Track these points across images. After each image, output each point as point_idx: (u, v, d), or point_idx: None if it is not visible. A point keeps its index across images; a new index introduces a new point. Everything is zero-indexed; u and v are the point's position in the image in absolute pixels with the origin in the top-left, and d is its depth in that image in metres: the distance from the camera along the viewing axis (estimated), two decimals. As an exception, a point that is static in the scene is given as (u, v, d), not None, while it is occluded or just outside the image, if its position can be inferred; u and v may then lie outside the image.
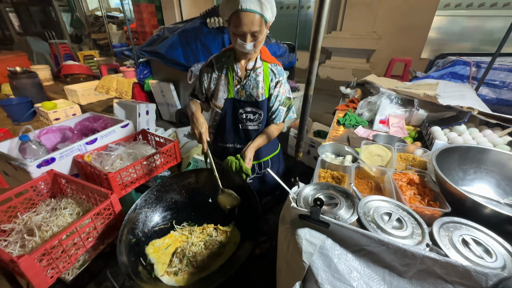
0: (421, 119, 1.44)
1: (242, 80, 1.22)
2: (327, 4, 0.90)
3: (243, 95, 1.23)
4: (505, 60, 1.86)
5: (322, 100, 4.56)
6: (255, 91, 1.21)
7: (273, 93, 1.23)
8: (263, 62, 1.22)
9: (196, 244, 1.08)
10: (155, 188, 1.19)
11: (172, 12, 6.91)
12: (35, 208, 1.21)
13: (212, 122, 1.37)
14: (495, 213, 0.74)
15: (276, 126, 1.30)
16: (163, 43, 3.13)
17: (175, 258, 1.01)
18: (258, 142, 1.26)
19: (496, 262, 0.62)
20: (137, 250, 1.03)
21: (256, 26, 1.02)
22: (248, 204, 1.11)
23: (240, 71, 1.22)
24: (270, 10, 1.04)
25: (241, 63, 1.21)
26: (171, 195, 1.24)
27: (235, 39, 1.07)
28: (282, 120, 1.28)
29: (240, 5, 0.97)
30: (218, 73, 1.24)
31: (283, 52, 3.31)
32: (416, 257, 0.59)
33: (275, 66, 1.24)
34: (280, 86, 1.23)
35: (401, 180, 0.95)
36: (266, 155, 1.42)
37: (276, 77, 1.23)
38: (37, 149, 1.29)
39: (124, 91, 4.28)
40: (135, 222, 1.08)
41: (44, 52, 6.87)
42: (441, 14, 5.00)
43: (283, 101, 1.25)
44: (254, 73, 1.20)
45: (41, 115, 4.04)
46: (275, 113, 1.26)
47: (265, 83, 1.22)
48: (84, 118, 1.84)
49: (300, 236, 0.69)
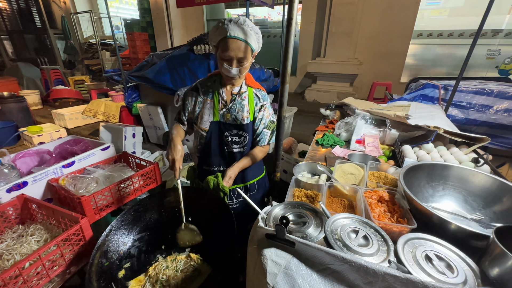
0: (394, 138, 1.50)
1: (227, 104, 1.26)
2: (292, 34, 0.98)
3: (229, 118, 1.26)
4: (470, 83, 2.01)
5: (308, 122, 4.68)
6: (240, 114, 1.25)
7: (257, 116, 1.27)
8: (248, 87, 1.27)
9: (170, 267, 1.04)
10: (133, 208, 1.16)
11: (164, 40, 7.21)
12: (0, 236, 1.15)
13: (197, 146, 1.37)
14: (460, 229, 0.75)
15: (261, 148, 1.32)
16: (152, 68, 3.22)
17: (148, 283, 0.98)
18: (243, 163, 1.26)
19: (457, 278, 0.62)
20: (110, 274, 0.98)
21: (242, 52, 1.09)
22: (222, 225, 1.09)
23: (226, 95, 1.26)
24: (256, 41, 1.13)
25: (227, 88, 1.26)
26: (149, 215, 1.20)
27: (222, 64, 1.13)
28: (266, 142, 1.31)
29: (228, 32, 1.05)
30: (204, 97, 1.27)
31: (268, 76, 3.45)
32: (378, 274, 0.59)
33: (259, 91, 1.29)
34: (264, 110, 1.28)
35: (371, 198, 0.96)
36: (251, 178, 1.42)
37: (261, 101, 1.28)
38: (8, 173, 1.26)
39: (112, 115, 4.29)
40: (109, 244, 1.03)
41: (34, 77, 6.92)
42: (415, 42, 5.41)
43: (267, 124, 1.29)
44: (239, 97, 1.25)
45: (25, 139, 3.97)
46: (260, 136, 1.29)
47: (250, 107, 1.26)
48: (64, 141, 1.82)
49: (266, 256, 0.68)
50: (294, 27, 0.97)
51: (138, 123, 3.93)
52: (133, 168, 1.69)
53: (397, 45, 5.37)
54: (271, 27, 7.20)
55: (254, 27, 1.11)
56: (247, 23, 1.09)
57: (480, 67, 4.91)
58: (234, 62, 1.11)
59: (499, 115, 1.80)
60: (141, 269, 1.06)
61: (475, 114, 1.84)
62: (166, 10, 6.72)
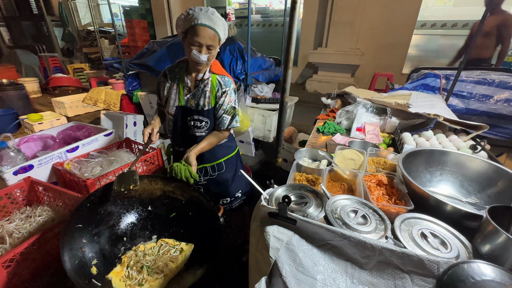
0: (394, 126, 1.51)
1: (191, 90, 1.31)
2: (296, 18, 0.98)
3: (192, 104, 1.31)
4: (471, 73, 2.00)
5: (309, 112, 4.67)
6: (202, 100, 1.29)
7: (218, 102, 1.30)
8: (212, 74, 1.30)
9: (149, 253, 1.03)
10: (87, 201, 1.01)
11: (164, 28, 7.09)
12: (9, 217, 1.18)
13: (168, 127, 1.46)
14: (455, 210, 0.78)
15: (218, 133, 1.36)
16: (152, 56, 3.19)
17: (130, 271, 0.95)
18: (200, 146, 1.29)
19: (451, 253, 0.65)
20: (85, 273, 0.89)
21: (211, 40, 1.15)
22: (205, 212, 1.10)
23: (190, 82, 1.31)
24: (223, 31, 1.19)
25: (192, 75, 1.30)
26: (104, 207, 1.07)
27: (190, 50, 1.16)
28: (226, 127, 1.34)
29: (200, 20, 1.11)
30: (171, 82, 1.33)
31: (269, 65, 3.43)
32: (375, 248, 0.62)
33: (222, 77, 1.31)
34: (225, 96, 1.30)
35: (370, 181, 0.99)
36: (220, 157, 1.49)
37: (223, 87, 1.30)
38: (14, 156, 1.28)
39: (112, 103, 4.28)
40: (71, 242, 0.92)
41: (33, 65, 6.84)
42: (418, 33, 5.33)
43: (227, 110, 1.31)
44: (202, 84, 1.29)
45: (26, 127, 3.97)
46: (219, 120, 1.33)
47: (211, 93, 1.30)
48: (67, 127, 1.84)
49: (268, 232, 0.71)
50: (298, 9, 0.96)
51: (139, 112, 3.93)
52: (135, 154, 1.71)
53: (400, 35, 5.29)
54: (273, 15, 7.07)
55: (221, 19, 1.18)
56: (216, 14, 1.16)
57: (483, 59, 4.86)
58: (203, 49, 1.15)
59: (499, 105, 1.81)
60: (111, 263, 0.99)
61: (476, 104, 1.85)
62: (165, -4, 6.58)
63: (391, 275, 0.61)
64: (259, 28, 7.12)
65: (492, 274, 0.54)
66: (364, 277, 0.63)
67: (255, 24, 7.07)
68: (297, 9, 0.95)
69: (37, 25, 8.77)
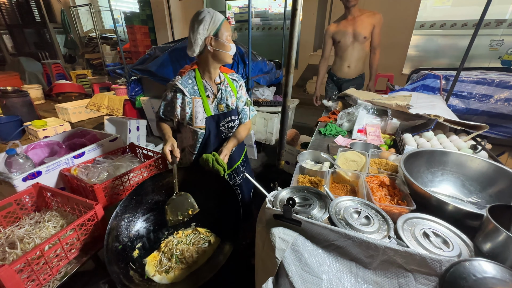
0: (395, 128, 1.53)
1: (216, 95, 1.30)
2: (297, 24, 1.01)
3: (222, 108, 1.31)
4: (471, 73, 2.02)
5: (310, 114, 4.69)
6: (229, 100, 1.32)
7: (238, 97, 1.36)
8: (223, 74, 1.34)
9: (182, 241, 1.11)
10: (134, 193, 1.18)
11: (164, 33, 7.16)
12: (18, 222, 1.21)
13: (194, 143, 1.34)
14: (457, 209, 0.80)
15: (244, 126, 1.40)
16: (155, 62, 3.24)
17: (163, 258, 1.05)
18: (233, 142, 1.33)
19: (453, 251, 0.67)
20: (125, 256, 1.04)
21: None
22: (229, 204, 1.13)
23: (213, 88, 1.30)
24: None
25: (210, 81, 1.29)
26: (151, 197, 1.23)
27: (227, 48, 1.20)
28: (248, 118, 1.40)
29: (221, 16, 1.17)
30: (191, 96, 1.25)
31: (270, 69, 3.47)
32: (379, 248, 0.64)
33: (232, 74, 1.38)
34: (242, 89, 1.38)
35: (372, 183, 1.00)
36: (239, 156, 1.52)
37: (238, 82, 1.37)
38: (23, 162, 1.31)
39: (115, 108, 4.33)
40: (118, 229, 1.09)
41: (36, 72, 6.93)
42: (418, 33, 5.36)
43: (245, 101, 1.39)
44: (223, 86, 1.31)
45: (30, 133, 4.02)
46: (242, 113, 1.38)
47: (233, 91, 1.34)
48: (73, 133, 1.87)
49: (274, 234, 0.73)
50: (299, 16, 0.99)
51: (141, 117, 3.97)
52: (140, 158, 1.74)
53: (399, 36, 5.31)
54: (272, 19, 7.13)
55: None
56: None
57: (483, 58, 4.87)
58: None
59: (499, 105, 1.83)
60: (153, 247, 1.12)
61: (476, 104, 1.87)
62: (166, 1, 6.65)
63: (395, 274, 0.63)
64: (259, 31, 7.18)
65: (493, 271, 0.56)
66: (369, 276, 0.64)
67: (255, 27, 7.12)
68: (297, 16, 0.98)
69: (39, 33, 8.89)
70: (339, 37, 2.45)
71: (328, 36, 2.52)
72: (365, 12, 2.32)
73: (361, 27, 2.30)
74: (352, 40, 2.42)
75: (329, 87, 2.87)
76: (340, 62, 2.63)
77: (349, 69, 2.61)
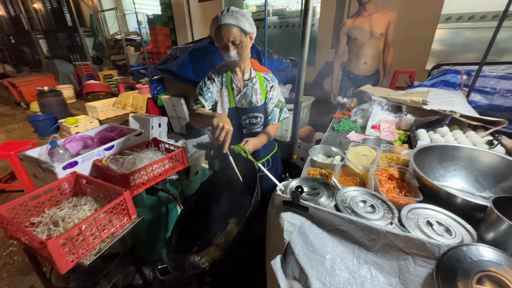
0: (410, 123, 1.52)
1: (241, 90, 1.38)
2: (309, 23, 1.06)
3: (244, 103, 1.39)
4: (496, 68, 1.93)
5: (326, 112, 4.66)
6: (254, 98, 1.38)
7: (268, 97, 1.40)
8: (257, 72, 1.39)
9: None
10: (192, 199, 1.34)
11: (184, 34, 7.39)
12: (59, 205, 1.37)
13: None
14: (465, 202, 0.81)
15: (273, 126, 1.44)
16: (175, 62, 3.40)
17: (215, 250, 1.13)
18: (260, 139, 1.37)
19: (455, 239, 0.70)
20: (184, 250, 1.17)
21: (233, 36, 1.19)
22: None
23: (239, 82, 1.39)
24: (248, 23, 1.22)
25: (238, 75, 1.38)
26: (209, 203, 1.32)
27: (222, 52, 1.26)
28: (277, 120, 1.43)
29: (222, 21, 1.18)
30: (220, 86, 1.39)
31: (285, 67, 3.50)
32: (380, 233, 0.69)
33: (267, 74, 1.41)
34: (273, 90, 1.40)
35: (381, 175, 1.03)
36: (265, 155, 1.56)
37: (270, 83, 1.40)
38: (63, 153, 1.48)
39: (139, 106, 4.59)
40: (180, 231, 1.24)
41: (68, 73, 7.50)
42: (443, 27, 5.10)
43: (276, 103, 1.41)
44: (251, 83, 1.37)
45: (64, 129, 4.39)
46: (271, 114, 1.42)
47: (262, 90, 1.39)
48: (103, 128, 2.04)
49: (283, 218, 0.80)
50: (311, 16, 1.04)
51: (163, 114, 4.18)
52: (162, 152, 1.87)
53: (423, 30, 5.07)
54: (290, 16, 7.10)
55: (244, 13, 1.21)
56: (236, 10, 1.20)
57: (518, 51, 4.54)
58: (230, 46, 1.21)
59: (526, 101, 1.74)
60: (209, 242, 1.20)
61: (500, 100, 1.79)
62: (186, 3, 6.87)
63: (395, 257, 0.67)
64: (276, 29, 7.18)
65: (490, 255, 0.58)
66: (370, 258, 0.69)
67: (272, 25, 7.14)
68: (309, 15, 1.03)
69: (71, 36, 9.56)
70: (356, 34, 2.43)
71: (343, 33, 2.52)
72: (380, 9, 2.29)
73: (378, 24, 2.28)
74: (369, 36, 2.40)
75: (345, 85, 2.86)
76: (356, 59, 2.61)
77: (366, 65, 2.59)
